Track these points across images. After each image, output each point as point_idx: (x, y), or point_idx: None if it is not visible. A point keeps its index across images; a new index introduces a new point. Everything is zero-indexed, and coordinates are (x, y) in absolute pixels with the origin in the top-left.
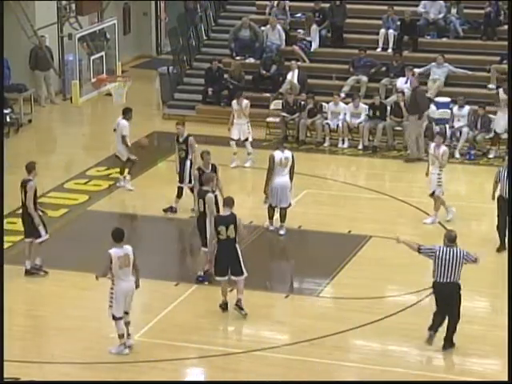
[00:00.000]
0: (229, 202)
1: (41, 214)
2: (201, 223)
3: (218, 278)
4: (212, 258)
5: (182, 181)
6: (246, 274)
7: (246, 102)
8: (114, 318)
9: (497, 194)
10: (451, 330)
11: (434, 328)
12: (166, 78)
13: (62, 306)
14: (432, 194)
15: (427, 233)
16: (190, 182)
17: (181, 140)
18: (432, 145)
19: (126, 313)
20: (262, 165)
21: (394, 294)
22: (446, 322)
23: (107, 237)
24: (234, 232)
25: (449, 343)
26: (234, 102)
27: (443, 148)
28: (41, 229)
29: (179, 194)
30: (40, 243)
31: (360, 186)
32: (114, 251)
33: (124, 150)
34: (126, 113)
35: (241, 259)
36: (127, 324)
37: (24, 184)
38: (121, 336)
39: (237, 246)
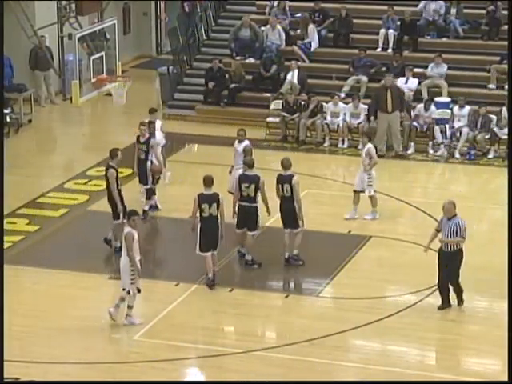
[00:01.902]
0: (208, 182)
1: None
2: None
3: (202, 254)
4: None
5: (142, 182)
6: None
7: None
8: (138, 291)
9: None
10: (457, 291)
11: (445, 301)
12: (166, 78)
13: (62, 305)
14: (359, 191)
15: (427, 233)
16: (146, 183)
17: (142, 140)
18: (361, 145)
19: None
20: (262, 165)
21: (393, 293)
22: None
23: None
24: (216, 210)
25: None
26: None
27: (367, 147)
28: (120, 214)
29: (148, 196)
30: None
31: None
32: (131, 231)
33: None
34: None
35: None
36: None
37: (106, 170)
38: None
39: (218, 223)
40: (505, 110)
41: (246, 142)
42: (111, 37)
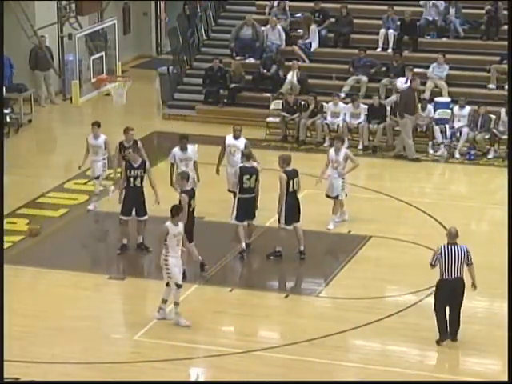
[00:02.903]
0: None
1: None
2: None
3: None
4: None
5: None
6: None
7: (103, 137)
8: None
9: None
10: (456, 323)
11: (443, 334)
12: (166, 77)
13: (62, 305)
14: (335, 197)
15: (427, 233)
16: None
17: (135, 165)
18: (331, 150)
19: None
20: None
21: (393, 293)
22: (450, 316)
23: (107, 237)
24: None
25: (454, 336)
26: (91, 136)
27: (344, 151)
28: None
29: None
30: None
31: (360, 186)
32: (170, 225)
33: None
34: (180, 141)
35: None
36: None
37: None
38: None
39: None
40: (503, 113)
41: (244, 138)
42: (111, 37)
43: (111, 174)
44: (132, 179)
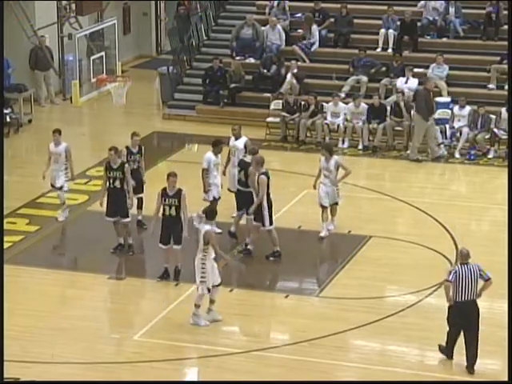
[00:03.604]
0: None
1: None
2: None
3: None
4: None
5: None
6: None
7: (64, 145)
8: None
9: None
10: (473, 353)
11: (450, 354)
12: (166, 77)
13: (61, 305)
14: (334, 204)
15: (427, 233)
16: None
17: (114, 166)
18: (322, 158)
19: (217, 285)
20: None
21: (393, 294)
22: (466, 342)
23: (107, 237)
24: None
25: (471, 368)
26: (52, 144)
27: (334, 159)
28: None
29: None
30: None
31: (360, 186)
32: (212, 229)
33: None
34: (215, 145)
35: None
36: (212, 302)
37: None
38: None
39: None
40: (504, 112)
41: (245, 138)
42: (111, 37)
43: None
44: (111, 180)
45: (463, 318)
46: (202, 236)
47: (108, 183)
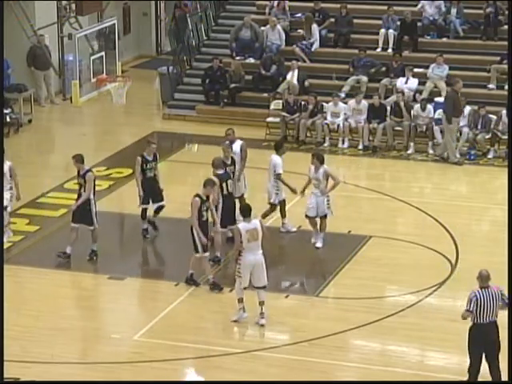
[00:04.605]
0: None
1: None
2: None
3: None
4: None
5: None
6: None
7: (8, 164)
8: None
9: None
10: (496, 373)
11: (474, 377)
12: (166, 77)
13: (61, 305)
14: (323, 217)
15: (427, 233)
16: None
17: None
18: (311, 166)
19: (260, 287)
20: (261, 165)
21: (393, 294)
22: (489, 366)
23: (107, 237)
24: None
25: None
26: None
27: (323, 169)
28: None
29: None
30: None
31: (360, 186)
32: (242, 225)
33: (272, 190)
34: (279, 147)
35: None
36: (261, 303)
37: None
38: (240, 300)
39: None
40: (504, 114)
41: (240, 141)
42: (111, 37)
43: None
44: (79, 187)
45: (483, 340)
46: None
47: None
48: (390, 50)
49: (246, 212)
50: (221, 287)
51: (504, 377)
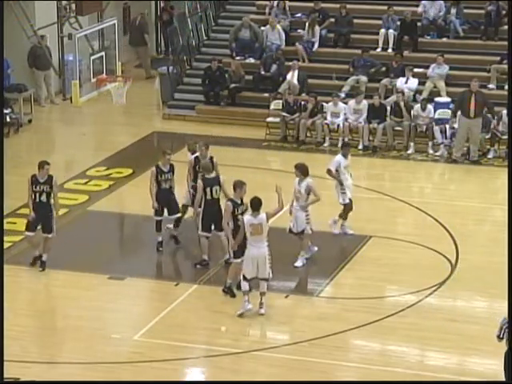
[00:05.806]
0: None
1: None
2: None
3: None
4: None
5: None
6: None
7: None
8: (243, 278)
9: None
10: None
11: None
12: (166, 77)
13: (61, 305)
14: (299, 233)
15: (427, 233)
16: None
17: (41, 180)
18: (296, 179)
19: (262, 279)
20: (261, 165)
21: (393, 294)
22: None
23: (107, 237)
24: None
25: None
26: None
27: (306, 182)
28: None
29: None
30: None
31: (360, 186)
32: (248, 219)
33: (337, 191)
34: (344, 148)
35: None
36: (262, 294)
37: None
38: (245, 292)
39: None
40: (504, 114)
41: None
42: (111, 37)
43: None
44: (38, 194)
45: None
46: None
47: (34, 197)
48: (390, 50)
49: (255, 206)
50: (234, 294)
51: (504, 377)
